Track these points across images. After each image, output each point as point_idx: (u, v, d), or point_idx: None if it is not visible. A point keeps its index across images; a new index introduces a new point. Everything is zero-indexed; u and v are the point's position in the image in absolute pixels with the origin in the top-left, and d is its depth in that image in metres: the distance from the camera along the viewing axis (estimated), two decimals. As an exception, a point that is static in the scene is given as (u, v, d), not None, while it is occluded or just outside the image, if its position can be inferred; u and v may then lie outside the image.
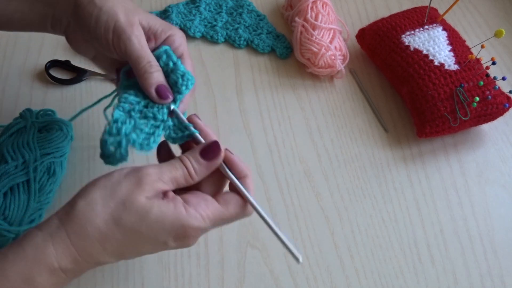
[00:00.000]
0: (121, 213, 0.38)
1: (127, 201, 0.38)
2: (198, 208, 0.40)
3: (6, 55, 0.68)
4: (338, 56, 0.68)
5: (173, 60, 0.46)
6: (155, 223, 0.39)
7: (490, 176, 0.64)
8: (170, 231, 0.39)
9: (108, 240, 0.38)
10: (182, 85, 0.46)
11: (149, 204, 0.39)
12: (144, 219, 0.39)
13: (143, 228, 0.39)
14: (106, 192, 0.39)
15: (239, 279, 0.54)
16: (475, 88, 0.62)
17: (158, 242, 0.40)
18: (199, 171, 0.42)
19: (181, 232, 0.40)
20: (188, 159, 0.41)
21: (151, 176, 0.39)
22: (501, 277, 0.56)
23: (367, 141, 0.65)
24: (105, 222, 0.38)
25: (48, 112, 0.61)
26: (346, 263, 0.56)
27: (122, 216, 0.38)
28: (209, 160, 0.42)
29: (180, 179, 0.41)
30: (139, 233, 0.39)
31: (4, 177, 0.52)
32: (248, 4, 0.77)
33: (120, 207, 0.38)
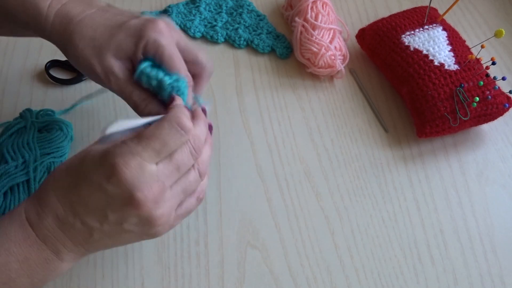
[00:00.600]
0: (70, 161, 0.40)
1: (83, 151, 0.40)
2: (127, 140, 0.38)
3: (6, 55, 0.68)
4: (338, 56, 0.68)
5: (154, 78, 0.44)
6: (84, 157, 0.39)
7: (490, 176, 0.64)
8: (97, 163, 0.38)
9: (56, 181, 0.40)
10: (177, 93, 0.44)
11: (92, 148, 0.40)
12: (82, 158, 0.39)
13: (79, 165, 0.39)
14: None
15: (239, 279, 0.54)
16: (475, 88, 0.62)
17: (92, 183, 0.38)
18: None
19: (106, 165, 0.37)
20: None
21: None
22: (501, 277, 0.56)
23: (367, 141, 0.65)
24: (58, 169, 0.40)
25: (48, 112, 0.61)
26: (346, 263, 0.56)
27: (69, 162, 0.40)
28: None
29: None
30: (76, 169, 0.39)
31: (4, 177, 0.52)
32: (248, 4, 0.77)
33: (73, 157, 0.40)
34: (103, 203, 0.38)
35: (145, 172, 0.37)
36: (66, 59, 0.67)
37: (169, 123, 0.38)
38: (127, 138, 0.38)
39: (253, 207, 0.58)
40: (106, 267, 0.53)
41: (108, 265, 0.53)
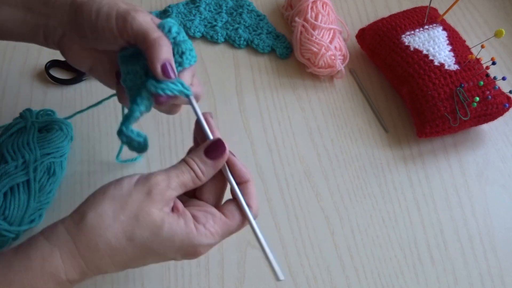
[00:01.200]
0: (133, 228, 0.38)
1: (140, 215, 0.38)
2: (207, 225, 0.40)
3: (6, 55, 0.68)
4: (338, 56, 0.68)
5: (182, 32, 0.44)
6: (166, 240, 0.39)
7: (490, 176, 0.64)
8: (180, 248, 0.40)
9: (118, 254, 0.38)
10: (186, 58, 0.44)
11: (160, 219, 0.38)
12: (156, 235, 0.38)
13: (154, 244, 0.39)
14: (116, 204, 0.38)
15: (239, 279, 0.54)
16: (475, 88, 0.62)
17: (166, 257, 0.41)
18: (206, 172, 0.41)
19: (191, 250, 0.40)
20: (194, 161, 0.41)
21: (160, 185, 0.39)
22: (501, 277, 0.56)
23: (367, 141, 0.65)
24: (116, 237, 0.37)
25: (48, 112, 0.61)
26: (346, 263, 0.56)
27: (134, 231, 0.38)
28: (215, 159, 0.41)
29: (188, 182, 0.41)
30: (150, 249, 0.39)
31: (4, 177, 0.52)
32: (248, 4, 0.77)
33: (133, 222, 0.38)
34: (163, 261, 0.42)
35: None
36: (66, 59, 0.67)
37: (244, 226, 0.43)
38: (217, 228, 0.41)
39: (253, 207, 0.58)
40: (106, 267, 0.53)
41: (108, 265, 0.53)
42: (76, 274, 0.37)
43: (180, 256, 0.41)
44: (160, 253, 0.40)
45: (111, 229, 0.37)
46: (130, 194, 0.39)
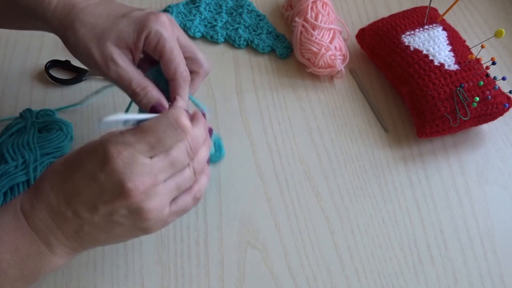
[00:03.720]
0: (70, 152, 0.40)
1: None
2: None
3: (6, 55, 0.68)
4: (338, 56, 0.68)
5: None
6: (81, 148, 0.40)
7: (490, 176, 0.64)
8: (90, 153, 0.38)
9: (53, 173, 0.40)
10: None
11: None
12: (79, 149, 0.40)
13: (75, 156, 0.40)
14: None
15: (239, 279, 0.54)
16: (475, 88, 0.62)
17: (86, 172, 0.38)
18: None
19: (101, 154, 0.38)
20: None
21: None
22: (501, 277, 0.56)
23: (367, 141, 0.65)
24: (57, 161, 0.40)
25: (48, 112, 0.61)
26: (346, 263, 0.56)
27: (68, 153, 0.40)
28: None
29: None
30: (72, 162, 0.40)
31: (4, 177, 0.52)
32: (248, 4, 0.77)
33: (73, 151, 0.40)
34: (94, 193, 0.38)
35: (137, 163, 0.38)
36: (66, 59, 0.68)
37: (167, 119, 0.39)
38: (124, 129, 0.39)
39: (253, 207, 0.58)
40: (106, 267, 0.53)
41: (108, 265, 0.53)
42: (26, 203, 0.40)
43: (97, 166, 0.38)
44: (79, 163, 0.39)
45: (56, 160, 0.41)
46: None
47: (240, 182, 0.60)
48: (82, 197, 0.39)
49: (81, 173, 0.39)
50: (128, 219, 0.39)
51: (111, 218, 0.39)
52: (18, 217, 0.39)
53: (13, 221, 0.39)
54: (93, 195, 0.38)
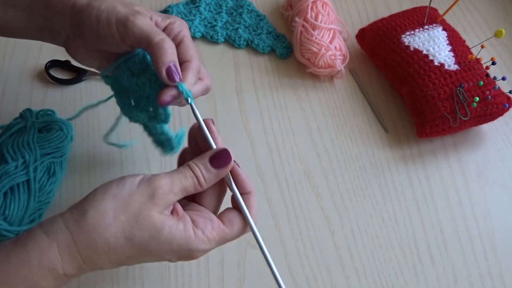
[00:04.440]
0: (132, 229, 0.38)
1: (140, 217, 0.38)
2: (205, 230, 0.41)
3: (6, 55, 0.68)
4: (338, 56, 0.68)
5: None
6: (164, 243, 0.39)
7: (490, 176, 0.64)
8: (177, 251, 0.40)
9: (116, 253, 0.38)
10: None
11: (160, 223, 0.39)
12: (155, 238, 0.39)
13: (152, 246, 0.39)
14: (118, 203, 0.38)
15: (239, 279, 0.54)
16: (475, 88, 0.62)
17: (162, 258, 0.41)
18: (208, 179, 0.41)
19: (187, 254, 0.41)
20: (198, 167, 0.41)
21: (163, 188, 0.39)
22: (501, 277, 0.56)
23: (367, 141, 0.65)
24: (115, 237, 0.38)
25: (48, 112, 0.61)
26: (346, 263, 0.56)
27: (133, 232, 0.38)
28: (219, 168, 0.41)
29: (189, 188, 0.41)
30: (148, 250, 0.39)
31: (4, 177, 0.52)
32: (248, 4, 0.77)
33: (133, 223, 0.38)
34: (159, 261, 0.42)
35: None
36: (66, 59, 0.67)
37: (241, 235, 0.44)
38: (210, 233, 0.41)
39: (253, 207, 0.58)
40: (106, 267, 0.53)
41: (108, 265, 0.53)
42: (73, 269, 0.38)
43: (176, 258, 0.41)
44: (157, 254, 0.40)
45: (110, 229, 0.37)
46: (132, 195, 0.39)
47: (240, 182, 0.60)
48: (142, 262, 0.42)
49: (157, 259, 0.41)
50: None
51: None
52: (61, 280, 0.38)
53: (55, 284, 0.38)
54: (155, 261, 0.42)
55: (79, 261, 0.38)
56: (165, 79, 0.42)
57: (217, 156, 0.42)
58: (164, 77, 0.42)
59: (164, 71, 0.42)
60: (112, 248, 0.38)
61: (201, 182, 0.41)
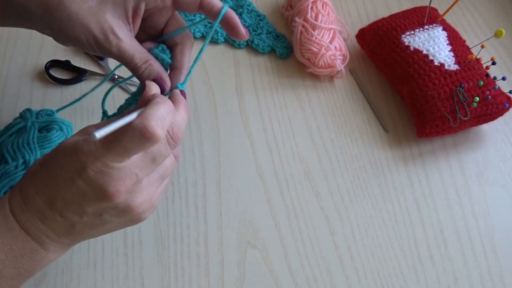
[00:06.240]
0: (47, 155, 0.40)
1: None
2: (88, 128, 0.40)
3: (6, 55, 0.68)
4: (338, 56, 0.68)
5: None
6: (56, 150, 0.39)
7: (490, 176, 0.64)
8: (67, 158, 0.38)
9: (35, 177, 0.40)
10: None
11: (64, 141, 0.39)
12: (54, 151, 0.39)
13: (51, 158, 0.39)
14: None
15: (239, 279, 0.54)
16: (475, 88, 0.62)
17: (65, 177, 0.38)
18: None
19: (76, 161, 0.37)
20: None
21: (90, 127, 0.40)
22: (501, 277, 0.56)
23: (367, 141, 0.65)
24: (36, 164, 0.41)
25: (48, 112, 0.61)
26: (346, 263, 0.56)
27: (46, 154, 0.40)
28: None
29: None
30: (50, 164, 0.39)
31: (4, 177, 0.52)
32: (248, 4, 0.77)
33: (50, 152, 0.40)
34: (78, 197, 0.38)
35: (113, 169, 0.37)
36: (66, 59, 0.68)
37: (132, 133, 0.36)
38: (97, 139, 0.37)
39: (253, 207, 0.58)
40: (106, 267, 0.53)
41: (108, 265, 0.53)
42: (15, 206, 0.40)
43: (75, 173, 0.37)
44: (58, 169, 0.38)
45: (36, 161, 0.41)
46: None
47: (240, 182, 0.60)
48: (67, 201, 0.39)
49: (62, 179, 0.38)
50: (118, 216, 0.40)
51: (101, 217, 0.40)
52: (8, 219, 0.40)
53: (4, 223, 0.39)
54: (78, 199, 0.38)
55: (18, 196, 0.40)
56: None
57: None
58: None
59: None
60: (32, 173, 0.40)
61: None
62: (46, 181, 0.39)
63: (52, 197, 0.39)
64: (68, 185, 0.38)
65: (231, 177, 0.60)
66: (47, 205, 0.39)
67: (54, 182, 0.39)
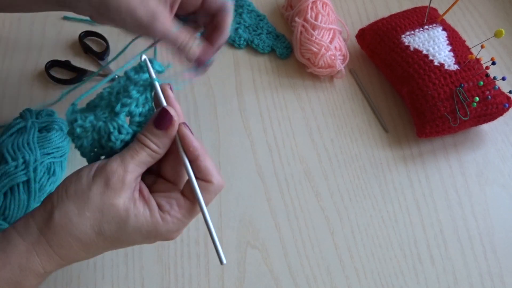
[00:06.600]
0: (100, 223, 0.38)
1: (103, 208, 0.38)
2: (172, 212, 0.40)
3: (6, 55, 0.68)
4: (338, 56, 0.68)
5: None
6: (133, 232, 0.40)
7: (490, 176, 0.64)
8: (148, 237, 0.40)
9: (91, 247, 0.39)
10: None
11: (125, 212, 0.39)
12: (122, 228, 0.39)
13: (123, 236, 0.40)
14: (79, 200, 0.38)
15: (239, 279, 0.54)
16: (475, 88, 0.62)
17: (138, 243, 0.42)
18: (161, 143, 0.40)
19: (160, 237, 0.41)
20: (146, 136, 0.40)
21: (117, 172, 0.39)
22: (501, 277, 0.56)
23: (367, 141, 0.65)
24: (85, 233, 0.38)
25: (48, 112, 0.61)
26: (346, 263, 0.56)
27: (101, 226, 0.39)
28: (165, 129, 0.40)
29: (146, 159, 0.40)
30: (121, 240, 0.40)
31: (4, 177, 0.52)
32: (248, 4, 0.77)
33: (98, 216, 0.38)
34: (138, 243, 0.42)
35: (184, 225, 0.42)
36: (66, 59, 0.67)
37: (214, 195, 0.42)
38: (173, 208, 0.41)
39: (253, 207, 0.58)
40: (106, 268, 0.53)
41: (108, 265, 0.53)
42: (53, 266, 0.39)
43: (152, 241, 0.42)
44: (131, 241, 0.41)
45: (79, 227, 0.38)
46: (90, 188, 0.39)
47: (240, 182, 0.60)
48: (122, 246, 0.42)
49: (131, 244, 0.42)
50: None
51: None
52: (43, 277, 0.39)
53: (38, 281, 0.39)
54: (136, 243, 0.42)
55: (58, 260, 0.39)
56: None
57: (158, 117, 0.40)
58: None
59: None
60: (85, 244, 0.39)
61: (154, 149, 0.40)
62: (106, 248, 0.41)
63: (106, 251, 0.42)
64: (134, 244, 0.42)
65: (231, 177, 0.60)
66: (95, 255, 0.42)
67: (118, 246, 0.41)
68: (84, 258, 0.41)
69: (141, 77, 0.42)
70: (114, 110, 0.42)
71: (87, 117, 0.42)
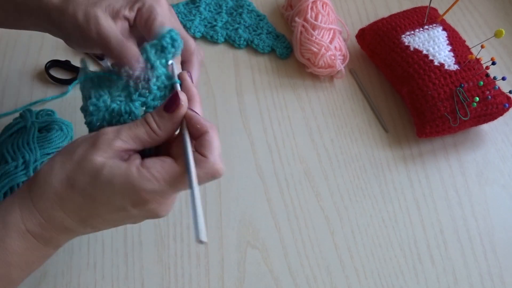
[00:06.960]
0: (75, 174, 0.38)
1: (82, 161, 0.38)
2: (151, 169, 0.37)
3: (6, 55, 0.68)
4: (338, 56, 0.68)
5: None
6: (105, 184, 0.37)
7: (490, 176, 0.64)
8: (122, 193, 0.38)
9: (64, 201, 0.38)
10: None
11: (100, 164, 0.37)
12: (95, 180, 0.37)
13: (95, 190, 0.38)
14: (65, 154, 0.39)
15: (239, 279, 0.54)
16: (475, 88, 0.62)
17: (114, 206, 0.39)
18: (163, 126, 0.39)
19: (135, 196, 0.38)
20: (151, 115, 0.40)
21: (108, 135, 0.38)
22: (501, 277, 0.56)
23: (367, 141, 0.65)
24: (60, 183, 0.38)
25: (48, 112, 0.61)
26: (346, 263, 0.56)
27: (75, 177, 0.38)
28: (172, 112, 0.39)
29: (142, 135, 0.39)
30: (93, 196, 0.38)
31: (4, 177, 0.52)
32: (248, 4, 0.77)
33: (75, 168, 0.38)
34: (123, 217, 0.40)
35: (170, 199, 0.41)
36: (66, 59, 0.68)
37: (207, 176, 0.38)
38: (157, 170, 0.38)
39: (253, 207, 0.58)
40: (106, 268, 0.53)
41: (108, 265, 0.53)
42: (34, 225, 0.38)
43: (129, 204, 0.38)
44: (105, 201, 0.38)
45: (57, 176, 0.38)
46: (78, 145, 0.39)
47: (240, 182, 0.60)
48: (107, 219, 0.40)
49: (108, 207, 0.39)
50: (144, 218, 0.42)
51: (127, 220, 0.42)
52: (27, 239, 0.39)
53: (23, 243, 0.38)
54: (122, 218, 0.41)
55: (37, 215, 0.38)
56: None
57: (169, 101, 0.40)
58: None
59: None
60: (59, 195, 0.38)
61: (153, 128, 0.39)
62: (81, 205, 0.39)
63: (88, 217, 0.40)
64: (115, 210, 0.39)
65: (231, 177, 0.60)
66: (79, 223, 0.40)
67: (94, 207, 0.39)
68: (64, 219, 0.39)
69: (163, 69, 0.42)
70: (131, 97, 0.42)
71: (102, 96, 0.42)
